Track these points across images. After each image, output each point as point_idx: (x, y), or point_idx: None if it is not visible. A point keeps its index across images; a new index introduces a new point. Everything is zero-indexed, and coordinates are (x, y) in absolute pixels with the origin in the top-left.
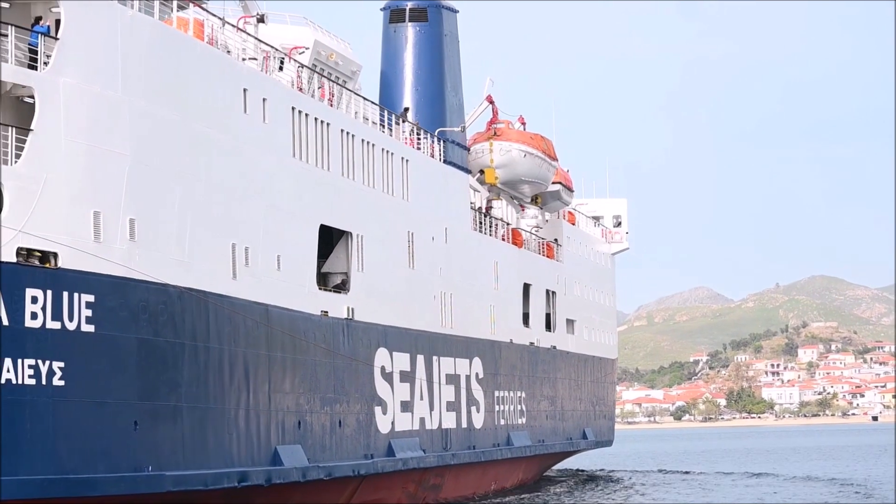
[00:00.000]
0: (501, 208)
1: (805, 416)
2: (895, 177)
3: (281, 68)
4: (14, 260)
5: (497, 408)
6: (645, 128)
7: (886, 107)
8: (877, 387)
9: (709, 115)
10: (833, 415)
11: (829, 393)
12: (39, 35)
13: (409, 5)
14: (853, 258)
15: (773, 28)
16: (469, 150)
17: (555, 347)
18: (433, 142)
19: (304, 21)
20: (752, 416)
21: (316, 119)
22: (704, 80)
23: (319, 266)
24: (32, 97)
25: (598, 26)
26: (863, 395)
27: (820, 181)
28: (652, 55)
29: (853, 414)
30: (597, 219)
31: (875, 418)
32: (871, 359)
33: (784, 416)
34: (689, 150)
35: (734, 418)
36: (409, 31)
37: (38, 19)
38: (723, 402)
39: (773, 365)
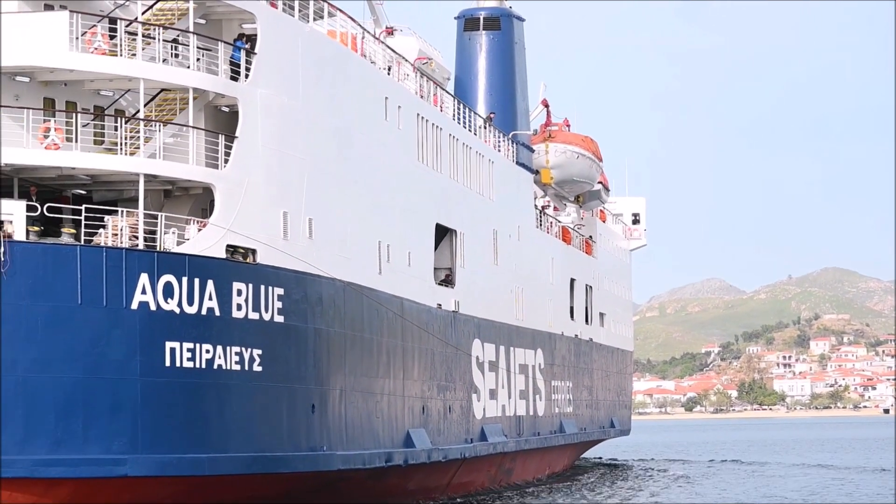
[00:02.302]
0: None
1: (816, 408)
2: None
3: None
4: (224, 256)
5: (553, 396)
6: (655, 122)
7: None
8: (888, 379)
9: (720, 109)
10: (844, 407)
11: (840, 385)
12: (241, 50)
13: (483, 14)
14: (866, 250)
15: (767, 23)
16: (534, 151)
17: (591, 340)
18: (509, 144)
19: (409, 31)
20: (764, 407)
21: (433, 124)
22: (704, 75)
23: None
24: (230, 107)
25: (599, 24)
26: (874, 388)
27: (833, 174)
28: (648, 49)
29: (864, 406)
30: (616, 216)
31: (886, 411)
32: (883, 351)
33: (795, 408)
34: (701, 144)
35: (745, 410)
36: (483, 38)
37: (240, 36)
38: (734, 393)
39: (784, 357)
